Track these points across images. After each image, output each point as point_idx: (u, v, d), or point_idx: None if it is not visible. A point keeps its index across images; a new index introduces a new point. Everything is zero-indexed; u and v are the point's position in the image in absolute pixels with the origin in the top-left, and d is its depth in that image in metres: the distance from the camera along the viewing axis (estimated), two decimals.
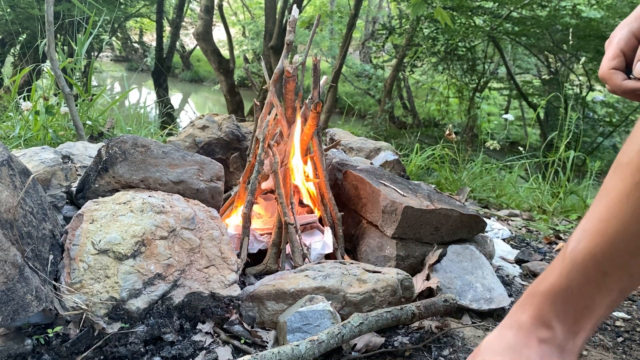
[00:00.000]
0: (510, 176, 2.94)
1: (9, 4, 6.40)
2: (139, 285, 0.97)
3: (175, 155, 1.27)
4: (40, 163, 1.25)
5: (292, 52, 1.43)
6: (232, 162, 1.77)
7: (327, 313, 1.02)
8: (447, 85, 8.85)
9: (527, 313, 0.59)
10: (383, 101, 8.03)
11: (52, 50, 2.09)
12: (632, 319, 1.37)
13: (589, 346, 1.20)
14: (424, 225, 1.37)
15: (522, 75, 9.67)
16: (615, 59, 0.71)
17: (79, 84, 2.56)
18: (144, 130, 2.80)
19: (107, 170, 1.19)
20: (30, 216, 0.97)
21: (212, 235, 1.13)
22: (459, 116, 8.75)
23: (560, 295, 0.56)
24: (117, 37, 12.72)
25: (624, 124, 6.65)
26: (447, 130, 2.93)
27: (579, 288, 0.55)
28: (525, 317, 0.59)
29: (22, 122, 2.29)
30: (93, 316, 0.93)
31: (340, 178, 1.62)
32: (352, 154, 2.22)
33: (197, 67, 15.33)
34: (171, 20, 11.02)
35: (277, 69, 1.42)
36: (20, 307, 0.83)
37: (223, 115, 1.86)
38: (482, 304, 1.26)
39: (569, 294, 0.56)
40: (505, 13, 6.35)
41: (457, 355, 1.08)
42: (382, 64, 10.42)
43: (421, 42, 7.78)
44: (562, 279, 0.56)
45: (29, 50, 4.78)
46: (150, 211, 1.07)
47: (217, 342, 1.04)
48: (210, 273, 1.08)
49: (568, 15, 6.09)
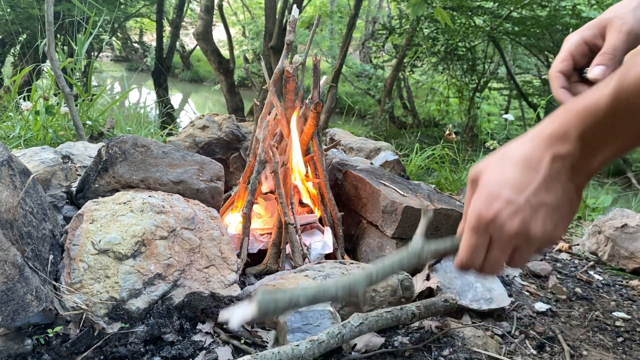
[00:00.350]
0: None
1: (9, 4, 6.40)
2: (139, 285, 0.97)
3: (175, 155, 1.27)
4: (40, 163, 1.25)
5: (292, 52, 1.43)
6: (232, 162, 1.77)
7: (327, 313, 1.02)
8: (447, 85, 8.85)
9: (554, 125, 0.59)
10: (383, 101, 8.03)
11: (52, 50, 2.09)
12: (632, 319, 1.37)
13: (588, 346, 1.20)
14: None
15: (522, 75, 9.66)
16: (563, 62, 0.75)
17: (79, 84, 2.56)
18: (144, 130, 2.80)
19: (107, 170, 1.19)
20: (30, 216, 0.97)
21: (212, 235, 1.13)
22: (459, 116, 8.75)
23: (594, 113, 0.55)
24: (117, 37, 12.72)
25: None
26: (447, 130, 2.93)
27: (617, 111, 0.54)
28: (551, 129, 0.59)
29: (22, 122, 2.29)
30: (93, 316, 0.93)
31: (340, 178, 1.62)
32: (352, 154, 2.22)
33: (197, 67, 15.33)
34: (171, 20, 11.02)
35: (277, 69, 1.42)
36: (20, 307, 0.83)
37: (223, 115, 1.86)
38: (482, 304, 1.26)
39: (602, 115, 0.55)
40: (505, 13, 6.35)
41: (457, 355, 1.08)
42: (382, 64, 10.42)
43: (421, 42, 7.78)
44: (604, 100, 0.54)
45: (29, 50, 4.78)
46: (150, 211, 1.07)
47: (217, 342, 1.04)
48: (210, 273, 1.08)
49: (568, 15, 6.09)
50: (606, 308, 1.43)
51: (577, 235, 2.19)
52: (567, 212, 0.60)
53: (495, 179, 0.61)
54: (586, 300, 1.47)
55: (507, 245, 0.61)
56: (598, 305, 1.45)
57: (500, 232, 0.60)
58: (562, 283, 1.57)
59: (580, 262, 1.80)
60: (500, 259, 0.62)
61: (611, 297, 1.51)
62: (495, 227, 0.60)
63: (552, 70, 0.76)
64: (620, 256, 1.75)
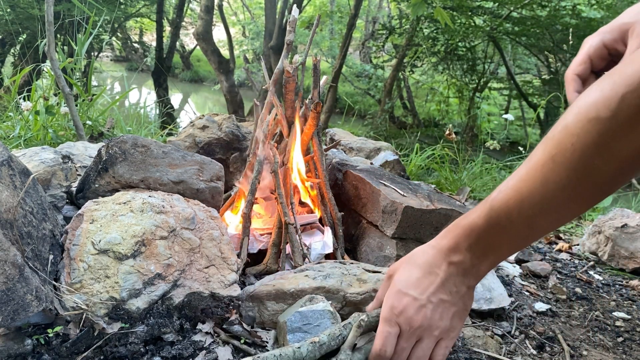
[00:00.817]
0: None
1: (9, 4, 6.40)
2: (139, 285, 0.97)
3: (175, 155, 1.27)
4: (40, 163, 1.25)
5: (292, 52, 1.43)
6: (232, 162, 1.77)
7: (327, 313, 1.02)
8: (447, 85, 8.85)
9: (447, 239, 0.73)
10: (383, 101, 8.03)
11: (52, 50, 2.09)
12: (632, 319, 1.37)
13: (588, 346, 1.20)
14: (424, 225, 1.37)
15: (522, 75, 9.67)
16: (582, 65, 0.77)
17: (79, 84, 2.56)
18: (144, 130, 2.80)
19: (107, 170, 1.19)
20: (30, 216, 0.97)
21: (212, 235, 1.13)
22: (459, 116, 8.75)
23: (476, 231, 0.69)
24: (117, 37, 12.72)
25: None
26: (447, 130, 2.93)
27: (490, 229, 0.68)
28: (445, 242, 0.74)
29: (22, 122, 2.29)
30: (93, 316, 0.93)
31: (340, 178, 1.62)
32: (352, 154, 2.22)
33: (197, 67, 15.33)
34: (171, 20, 11.02)
35: (277, 69, 1.42)
36: (20, 307, 0.83)
37: (223, 115, 1.86)
38: (482, 303, 1.26)
39: (481, 232, 0.69)
40: (505, 13, 6.35)
41: (457, 355, 1.08)
42: (382, 64, 10.42)
43: (421, 42, 7.78)
44: (480, 219, 0.69)
45: (29, 50, 4.78)
46: (150, 211, 1.07)
47: (217, 342, 1.04)
48: (210, 273, 1.08)
49: (568, 15, 6.09)
50: (606, 308, 1.43)
51: (577, 235, 2.19)
52: (461, 308, 0.73)
53: (405, 279, 0.75)
54: (586, 300, 1.47)
55: (412, 335, 0.73)
56: (598, 305, 1.45)
57: (407, 323, 0.73)
58: (562, 283, 1.57)
59: (580, 262, 1.80)
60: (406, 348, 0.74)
61: (611, 297, 1.51)
62: (403, 318, 0.73)
63: (569, 73, 0.78)
64: (620, 256, 1.75)
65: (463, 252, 0.71)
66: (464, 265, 0.71)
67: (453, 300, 0.73)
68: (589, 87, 0.58)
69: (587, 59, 0.76)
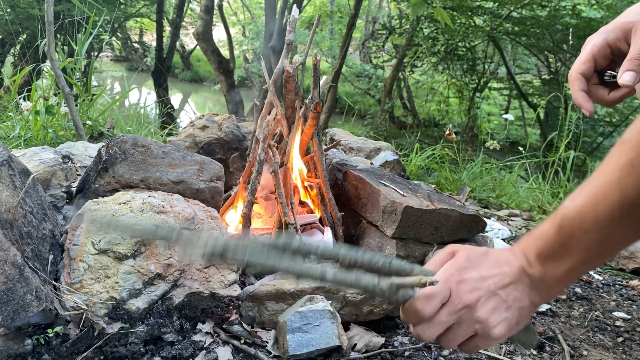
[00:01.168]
0: (510, 176, 2.94)
1: (9, 4, 6.40)
2: (139, 285, 0.97)
3: (175, 155, 1.27)
4: (40, 163, 1.25)
5: (292, 52, 1.43)
6: (232, 162, 1.77)
7: (327, 313, 1.02)
8: (447, 85, 8.85)
9: (519, 246, 0.70)
10: (383, 101, 8.02)
11: (52, 50, 2.09)
12: (632, 319, 1.37)
13: (588, 346, 1.20)
14: (424, 225, 1.37)
15: (522, 75, 9.66)
16: (585, 64, 0.76)
17: (79, 84, 2.56)
18: (144, 130, 2.80)
19: (107, 170, 1.19)
20: (30, 216, 0.97)
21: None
22: (459, 116, 8.75)
23: (546, 240, 0.66)
24: (117, 37, 12.71)
25: (624, 124, 6.65)
26: (447, 130, 2.93)
27: (561, 238, 0.64)
28: (517, 248, 0.70)
29: (22, 122, 2.29)
30: (93, 316, 0.93)
31: (340, 178, 1.62)
32: (352, 154, 2.22)
33: (197, 67, 15.32)
34: (171, 20, 11.02)
35: (277, 69, 1.42)
36: (20, 307, 0.83)
37: (223, 115, 1.86)
38: None
39: (552, 241, 0.65)
40: (505, 13, 6.35)
41: (457, 355, 1.08)
42: (382, 64, 10.42)
43: (421, 42, 7.78)
44: (552, 228, 0.65)
45: (29, 50, 4.78)
46: (150, 211, 1.07)
47: (217, 342, 1.04)
48: (210, 273, 1.08)
49: (568, 15, 6.09)
50: (606, 308, 1.43)
51: None
52: (513, 320, 0.68)
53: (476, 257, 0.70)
54: (586, 300, 1.47)
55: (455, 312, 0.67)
56: (598, 305, 1.45)
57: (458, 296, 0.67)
58: None
59: None
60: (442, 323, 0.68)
61: (611, 297, 1.51)
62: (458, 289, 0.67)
63: (573, 72, 0.77)
64: (620, 256, 1.75)
65: (533, 261, 0.67)
66: (532, 277, 0.67)
67: (510, 305, 0.67)
68: None
69: (590, 58, 0.76)
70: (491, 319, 0.66)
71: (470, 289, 0.67)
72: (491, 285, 0.67)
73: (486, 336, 0.68)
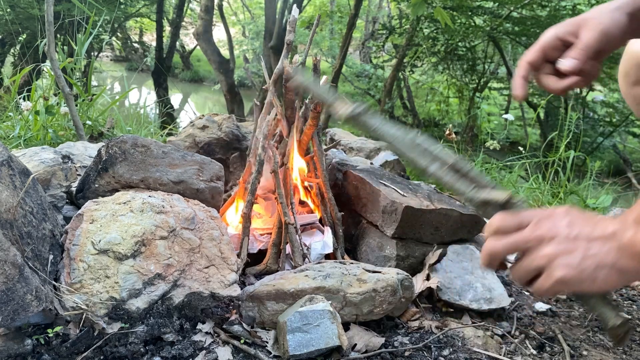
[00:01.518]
0: (511, 176, 2.94)
1: (9, 4, 6.40)
2: (139, 285, 0.97)
3: (175, 155, 1.27)
4: (40, 163, 1.25)
5: (292, 52, 1.43)
6: (232, 162, 1.77)
7: (327, 313, 1.02)
8: (447, 85, 8.84)
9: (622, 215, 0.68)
10: (383, 101, 8.02)
11: (52, 50, 2.09)
12: (632, 319, 1.37)
13: (588, 346, 1.20)
14: (424, 225, 1.37)
15: None
16: (534, 54, 0.83)
17: (79, 84, 2.56)
18: (144, 130, 2.80)
19: (107, 170, 1.19)
20: (30, 216, 0.97)
21: (212, 235, 1.13)
22: (459, 116, 8.75)
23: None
24: (117, 37, 12.71)
25: (624, 124, 6.65)
26: (447, 130, 2.93)
27: None
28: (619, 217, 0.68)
29: (22, 122, 2.29)
30: (93, 316, 0.93)
31: (340, 178, 1.62)
32: (352, 154, 2.22)
33: (197, 67, 15.32)
34: (171, 20, 11.01)
35: (277, 69, 1.42)
36: (20, 307, 0.83)
37: (223, 115, 1.86)
38: (482, 304, 1.26)
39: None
40: (505, 13, 6.35)
41: (457, 355, 1.08)
42: (382, 64, 10.41)
43: (421, 42, 7.77)
44: None
45: (29, 50, 4.78)
46: (150, 211, 1.07)
47: (217, 342, 1.04)
48: (210, 273, 1.08)
49: (568, 15, 6.08)
50: None
51: None
52: (587, 269, 0.67)
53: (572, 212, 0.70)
54: None
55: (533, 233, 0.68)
56: None
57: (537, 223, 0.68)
58: None
59: None
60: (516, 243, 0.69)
61: (611, 297, 1.51)
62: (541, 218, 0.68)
63: (521, 60, 0.84)
64: None
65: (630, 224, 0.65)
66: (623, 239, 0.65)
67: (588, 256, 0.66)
68: None
69: (539, 49, 0.83)
70: (559, 259, 0.66)
71: (552, 227, 0.67)
72: (575, 232, 0.67)
73: (548, 274, 0.67)
